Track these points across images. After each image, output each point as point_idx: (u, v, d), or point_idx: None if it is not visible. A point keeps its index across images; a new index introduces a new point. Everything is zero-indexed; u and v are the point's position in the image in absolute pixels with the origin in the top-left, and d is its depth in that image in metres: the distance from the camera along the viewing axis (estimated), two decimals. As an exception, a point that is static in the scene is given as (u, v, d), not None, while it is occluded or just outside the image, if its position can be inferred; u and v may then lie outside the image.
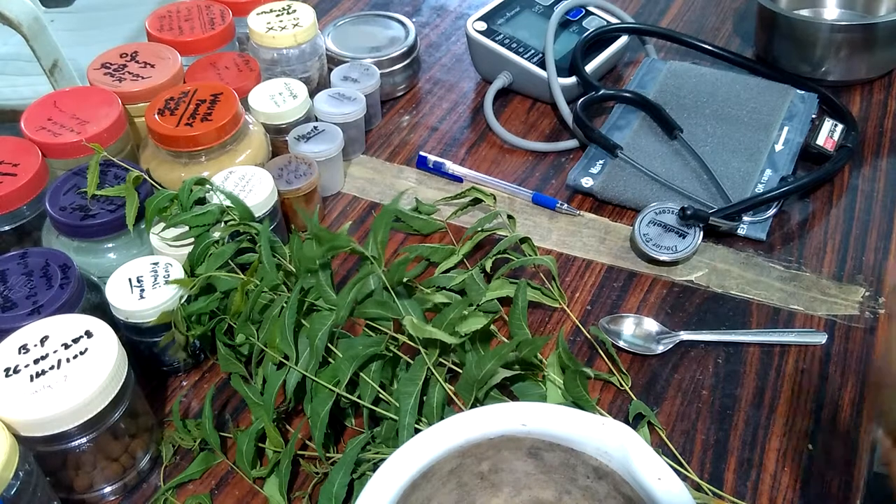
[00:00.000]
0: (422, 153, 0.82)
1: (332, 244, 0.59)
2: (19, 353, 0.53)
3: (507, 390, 0.58)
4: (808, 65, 0.86)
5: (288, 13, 0.84)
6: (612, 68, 0.93)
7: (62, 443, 0.52)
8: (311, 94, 0.81)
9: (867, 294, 0.67)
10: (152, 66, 0.77)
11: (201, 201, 0.65)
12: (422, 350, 0.55)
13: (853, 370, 0.62)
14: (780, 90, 0.84)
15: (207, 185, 0.66)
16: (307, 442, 0.58)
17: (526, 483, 0.46)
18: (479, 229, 0.69)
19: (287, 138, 0.77)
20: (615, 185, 0.76)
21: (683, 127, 0.80)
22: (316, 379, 0.55)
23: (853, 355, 0.63)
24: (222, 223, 0.64)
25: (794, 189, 0.72)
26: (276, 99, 0.77)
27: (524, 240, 0.67)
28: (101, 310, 0.61)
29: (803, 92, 0.84)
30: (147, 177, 0.67)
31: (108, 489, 0.57)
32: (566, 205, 0.76)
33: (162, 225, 0.64)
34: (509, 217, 0.69)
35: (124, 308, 0.59)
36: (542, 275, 0.68)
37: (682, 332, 0.65)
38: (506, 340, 0.62)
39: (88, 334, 0.54)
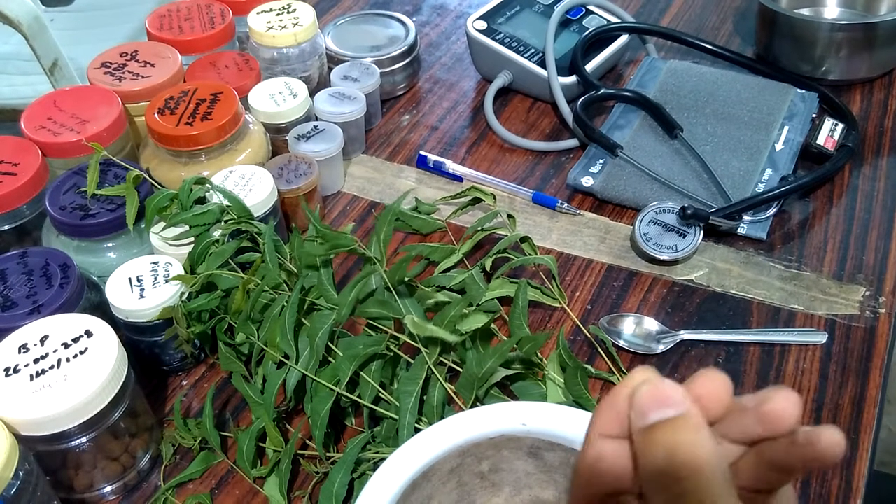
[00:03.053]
0: (422, 152, 0.82)
1: (336, 243, 0.59)
2: (19, 352, 0.53)
3: (506, 390, 0.58)
4: (809, 64, 0.86)
5: (288, 12, 0.84)
6: (613, 67, 0.93)
7: (62, 442, 0.52)
8: (311, 94, 0.81)
9: (867, 293, 0.67)
10: (152, 66, 0.77)
11: (201, 200, 0.65)
12: (422, 349, 0.55)
13: (853, 370, 0.62)
14: (780, 89, 0.84)
15: (207, 185, 0.66)
16: (307, 441, 0.58)
17: (526, 483, 0.46)
18: (479, 228, 0.69)
19: (287, 137, 0.77)
20: (615, 184, 0.76)
21: (684, 126, 0.80)
22: (316, 378, 0.55)
23: (853, 355, 0.63)
24: (222, 222, 0.64)
25: (794, 188, 0.72)
26: (276, 98, 0.77)
27: (524, 239, 0.67)
28: (101, 309, 0.61)
29: (804, 91, 0.84)
30: (147, 176, 0.67)
31: (108, 489, 0.57)
32: (566, 204, 0.76)
33: (162, 224, 0.64)
34: (509, 216, 0.69)
35: (124, 307, 0.59)
36: (542, 274, 0.68)
37: (682, 332, 0.65)
38: (506, 339, 0.62)
39: (88, 334, 0.54)
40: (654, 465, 0.26)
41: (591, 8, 0.93)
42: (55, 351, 0.53)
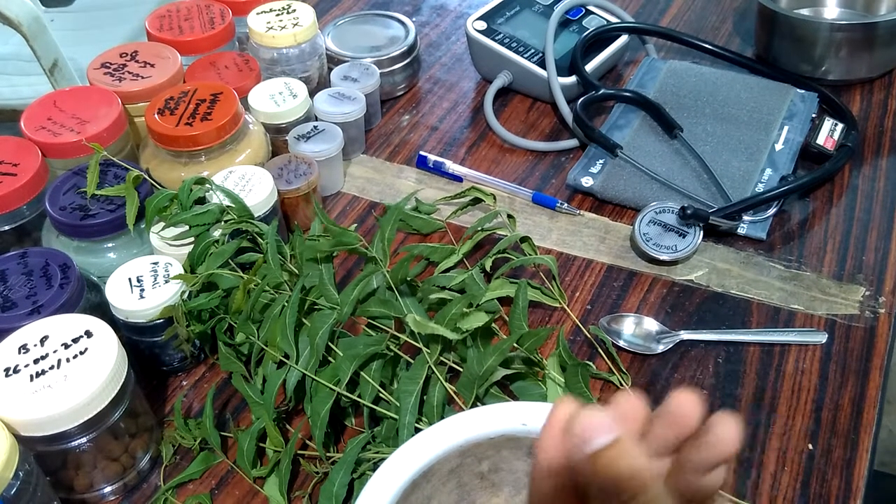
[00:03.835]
0: (422, 153, 0.82)
1: (341, 239, 0.59)
2: (19, 352, 0.53)
3: (507, 389, 0.58)
4: (809, 64, 0.86)
5: (288, 13, 0.84)
6: (612, 68, 0.93)
7: (62, 443, 0.52)
8: (311, 94, 0.81)
9: (867, 293, 0.67)
10: (152, 66, 0.77)
11: (201, 201, 0.65)
12: (423, 349, 0.55)
13: (853, 370, 0.62)
14: (780, 89, 0.84)
15: (207, 185, 0.66)
16: (307, 441, 0.58)
17: (526, 483, 0.46)
18: (479, 229, 0.69)
19: (287, 138, 0.77)
20: (615, 184, 0.76)
21: (683, 126, 0.80)
22: (316, 378, 0.55)
23: (853, 355, 0.63)
24: (222, 222, 0.64)
25: (794, 188, 0.72)
26: (275, 98, 0.77)
27: (524, 239, 0.67)
28: (101, 310, 0.61)
29: (803, 91, 0.84)
30: (147, 176, 0.67)
31: (108, 489, 0.57)
32: (566, 204, 0.76)
33: (162, 224, 0.64)
34: (509, 216, 0.69)
35: (124, 308, 0.59)
36: (542, 274, 0.68)
37: (682, 332, 0.65)
38: (506, 338, 0.62)
39: (88, 334, 0.54)
40: (602, 489, 0.28)
41: (591, 8, 0.93)
42: (55, 351, 0.53)
